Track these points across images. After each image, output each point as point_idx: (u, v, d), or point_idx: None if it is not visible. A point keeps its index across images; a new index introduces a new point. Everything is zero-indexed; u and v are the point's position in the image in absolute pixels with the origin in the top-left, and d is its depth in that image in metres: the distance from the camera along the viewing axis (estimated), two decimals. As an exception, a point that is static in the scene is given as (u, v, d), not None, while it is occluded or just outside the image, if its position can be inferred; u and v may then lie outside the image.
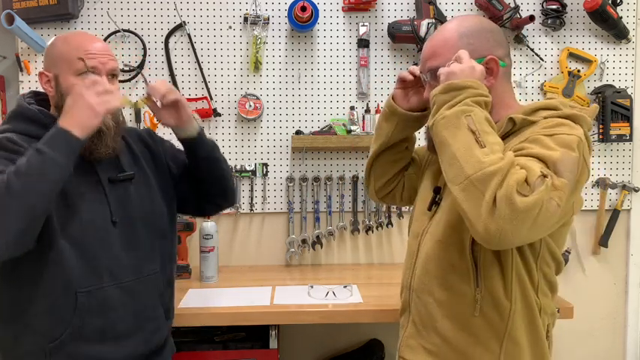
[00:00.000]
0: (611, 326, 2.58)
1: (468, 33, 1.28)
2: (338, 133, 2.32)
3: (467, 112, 1.15)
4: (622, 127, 2.42)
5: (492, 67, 1.27)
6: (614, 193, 2.51)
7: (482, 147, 1.11)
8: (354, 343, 2.45)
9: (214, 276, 2.18)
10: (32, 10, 2.25)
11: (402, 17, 2.41)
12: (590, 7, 2.33)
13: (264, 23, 2.38)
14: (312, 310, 1.82)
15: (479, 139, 1.12)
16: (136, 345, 1.45)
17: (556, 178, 1.10)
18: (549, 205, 1.08)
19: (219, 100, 2.41)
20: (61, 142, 1.24)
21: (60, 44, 1.42)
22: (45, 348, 1.34)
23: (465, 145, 1.12)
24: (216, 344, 1.96)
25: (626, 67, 2.48)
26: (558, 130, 1.17)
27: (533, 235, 1.15)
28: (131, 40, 2.36)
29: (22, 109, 1.41)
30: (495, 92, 1.27)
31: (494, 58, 1.27)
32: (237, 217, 2.45)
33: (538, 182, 1.07)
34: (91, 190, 1.40)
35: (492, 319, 1.27)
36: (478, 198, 1.08)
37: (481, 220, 1.08)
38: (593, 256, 2.55)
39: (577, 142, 1.14)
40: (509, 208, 1.05)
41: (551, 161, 1.11)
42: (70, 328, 1.34)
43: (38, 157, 1.21)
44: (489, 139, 1.13)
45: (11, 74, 2.37)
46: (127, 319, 1.42)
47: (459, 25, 1.31)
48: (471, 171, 1.09)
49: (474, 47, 1.26)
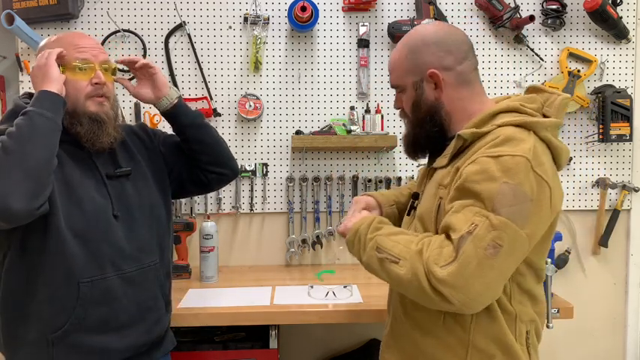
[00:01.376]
0: (611, 326, 2.58)
1: (413, 48, 1.33)
2: (338, 133, 2.32)
3: (374, 247, 1.26)
4: (622, 127, 2.42)
5: (436, 80, 1.30)
6: (614, 193, 2.51)
7: (397, 262, 1.20)
8: (354, 343, 2.45)
9: (214, 276, 2.18)
10: (32, 10, 2.25)
11: (402, 17, 2.41)
12: (590, 7, 2.33)
13: (264, 23, 2.38)
14: (312, 310, 1.82)
15: (392, 259, 1.21)
16: (138, 335, 1.47)
17: (493, 217, 1.12)
18: (486, 252, 1.11)
19: (219, 100, 2.41)
20: (40, 99, 1.32)
21: (51, 43, 1.44)
22: (48, 338, 1.35)
23: (387, 272, 1.23)
24: (216, 344, 1.96)
25: (626, 67, 2.48)
26: (502, 149, 1.17)
27: (498, 281, 1.17)
28: (131, 40, 2.36)
29: (19, 108, 1.41)
30: (450, 101, 1.31)
31: (434, 72, 1.29)
32: (237, 217, 2.45)
33: (461, 242, 1.12)
34: (93, 184, 1.42)
35: (455, 330, 1.27)
36: (424, 296, 1.17)
37: (443, 307, 1.17)
38: (593, 256, 2.55)
39: (521, 165, 1.14)
40: (446, 286, 1.12)
41: (487, 199, 1.14)
42: (72, 318, 1.35)
43: (25, 117, 1.28)
44: (397, 250, 1.21)
45: (11, 74, 2.37)
46: (129, 309, 1.44)
47: (408, 39, 1.36)
48: (402, 287, 1.22)
49: (416, 62, 1.32)
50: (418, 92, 1.32)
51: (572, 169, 2.50)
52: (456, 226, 1.15)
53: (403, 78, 1.35)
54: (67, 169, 1.38)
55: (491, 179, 1.14)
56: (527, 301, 1.29)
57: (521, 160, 1.15)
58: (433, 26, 1.38)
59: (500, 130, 1.22)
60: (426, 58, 1.31)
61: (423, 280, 1.14)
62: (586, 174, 2.51)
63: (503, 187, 1.13)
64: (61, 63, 1.40)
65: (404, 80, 1.35)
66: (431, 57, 1.30)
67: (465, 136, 1.25)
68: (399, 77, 1.36)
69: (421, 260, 1.16)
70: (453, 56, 1.31)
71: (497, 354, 1.26)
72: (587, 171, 2.51)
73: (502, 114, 1.26)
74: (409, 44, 1.34)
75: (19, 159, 1.23)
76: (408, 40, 1.36)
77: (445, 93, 1.30)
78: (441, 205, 1.25)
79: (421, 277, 1.15)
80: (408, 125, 1.39)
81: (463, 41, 1.33)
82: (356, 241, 1.32)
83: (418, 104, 1.33)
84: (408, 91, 1.34)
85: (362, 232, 1.31)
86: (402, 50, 1.35)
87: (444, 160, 1.30)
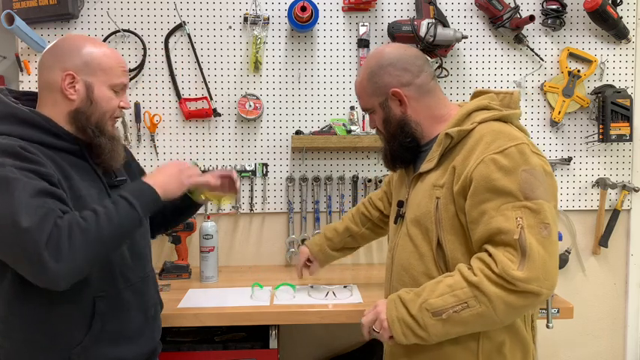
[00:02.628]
0: (611, 326, 2.58)
1: (374, 72, 1.44)
2: (338, 133, 2.32)
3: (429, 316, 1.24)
4: (622, 127, 2.41)
5: (399, 98, 1.41)
6: (614, 193, 2.51)
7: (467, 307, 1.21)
8: (354, 343, 2.45)
9: (214, 276, 2.18)
10: (32, 10, 2.25)
11: (402, 17, 2.41)
12: (590, 7, 2.33)
13: (264, 23, 2.38)
14: (312, 310, 1.82)
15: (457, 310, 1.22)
16: (146, 342, 1.49)
17: (531, 204, 1.21)
18: (542, 235, 1.20)
19: (219, 100, 2.41)
20: (150, 201, 1.33)
21: (100, 54, 1.40)
22: (67, 354, 1.33)
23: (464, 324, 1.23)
24: (216, 344, 1.96)
25: (626, 67, 2.48)
26: (502, 143, 1.26)
27: (558, 253, 1.26)
28: (131, 40, 2.36)
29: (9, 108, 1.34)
30: (416, 113, 1.42)
31: (395, 91, 1.41)
32: (237, 217, 2.45)
33: (521, 243, 1.19)
34: (97, 195, 1.39)
35: None
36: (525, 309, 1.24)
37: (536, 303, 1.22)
38: (593, 256, 2.55)
39: (526, 149, 1.26)
40: (530, 282, 1.17)
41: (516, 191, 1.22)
42: (90, 333, 1.34)
43: (130, 210, 1.28)
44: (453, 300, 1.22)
45: (11, 74, 2.37)
46: (137, 318, 1.45)
47: (367, 64, 1.47)
48: (495, 323, 1.25)
49: (378, 85, 1.43)
50: (386, 111, 1.44)
51: (572, 169, 2.50)
52: (506, 228, 1.20)
53: (370, 101, 1.47)
54: (75, 183, 1.34)
55: (510, 172, 1.23)
56: None
57: (523, 147, 1.26)
58: (388, 48, 1.49)
59: (484, 127, 1.32)
60: (386, 79, 1.42)
61: (501, 296, 1.18)
62: (586, 174, 2.51)
63: (523, 174, 1.23)
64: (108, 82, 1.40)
65: (371, 103, 1.46)
66: (389, 78, 1.42)
67: (453, 134, 1.33)
68: (366, 101, 1.48)
69: (489, 282, 1.19)
70: (410, 72, 1.42)
71: (506, 339, 1.31)
72: (587, 171, 2.51)
73: (475, 112, 1.37)
74: (368, 70, 1.45)
75: (97, 248, 1.23)
76: (366, 66, 1.47)
77: (410, 106, 1.42)
78: (439, 204, 1.32)
79: (499, 295, 1.19)
80: (383, 141, 1.50)
81: (416, 56, 1.45)
82: (407, 331, 1.28)
83: (388, 121, 1.44)
84: (377, 111, 1.46)
85: (404, 318, 1.28)
86: (364, 76, 1.46)
87: (430, 164, 1.37)
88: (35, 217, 1.16)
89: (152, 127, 2.37)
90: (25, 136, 1.31)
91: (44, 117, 1.35)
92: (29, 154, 1.25)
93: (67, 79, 1.36)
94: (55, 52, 1.39)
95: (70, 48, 1.39)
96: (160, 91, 2.39)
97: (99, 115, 1.39)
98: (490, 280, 1.19)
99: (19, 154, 1.24)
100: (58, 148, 1.35)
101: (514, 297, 1.18)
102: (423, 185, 1.39)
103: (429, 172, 1.38)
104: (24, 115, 1.33)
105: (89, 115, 1.37)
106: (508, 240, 1.20)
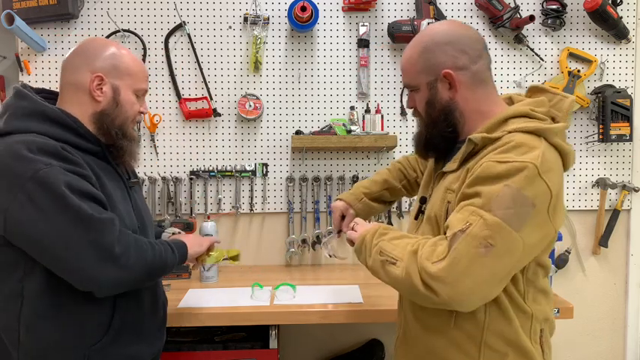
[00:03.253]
0: (611, 326, 2.58)
1: (427, 47, 1.31)
2: (338, 133, 2.32)
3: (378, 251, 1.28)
4: (622, 127, 2.41)
5: (450, 80, 1.29)
6: (614, 193, 2.51)
7: (394, 264, 1.22)
8: (354, 343, 2.45)
9: (214, 276, 2.18)
10: (32, 10, 2.25)
11: (402, 17, 2.41)
12: (590, 7, 2.33)
13: (264, 23, 2.38)
14: (312, 310, 1.82)
15: (391, 261, 1.24)
16: (158, 341, 1.52)
17: (488, 217, 1.13)
18: (477, 251, 1.12)
19: (219, 100, 2.41)
20: (183, 254, 1.51)
21: (128, 59, 1.43)
22: (85, 353, 1.33)
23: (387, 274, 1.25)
24: (216, 344, 1.96)
25: (626, 67, 2.48)
26: (510, 156, 1.17)
27: (488, 282, 1.16)
28: (131, 40, 2.36)
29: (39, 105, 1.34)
30: (464, 102, 1.30)
31: (448, 72, 1.28)
32: (237, 217, 2.45)
33: (453, 240, 1.14)
34: (120, 195, 1.42)
35: (468, 329, 1.27)
36: (417, 293, 1.18)
37: (433, 302, 1.17)
38: (593, 256, 2.55)
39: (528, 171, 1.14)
40: (436, 281, 1.13)
41: (485, 198, 1.15)
42: (109, 332, 1.35)
43: (172, 255, 1.44)
44: (396, 252, 1.24)
45: (11, 74, 2.37)
46: (151, 316, 1.48)
47: (420, 39, 1.34)
48: (398, 286, 1.26)
49: (430, 62, 1.30)
50: (432, 92, 1.31)
51: (572, 169, 2.50)
52: (452, 224, 1.17)
53: (416, 78, 1.33)
54: (105, 183, 1.36)
55: (493, 181, 1.15)
56: (541, 298, 1.30)
57: (528, 165, 1.15)
58: (446, 25, 1.37)
59: (510, 137, 1.21)
60: (440, 58, 1.29)
61: (415, 277, 1.16)
62: (586, 174, 2.51)
63: (505, 189, 1.13)
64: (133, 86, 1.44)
65: (417, 80, 1.33)
66: (445, 57, 1.29)
67: (476, 141, 1.24)
68: (412, 77, 1.34)
69: (415, 259, 1.18)
70: (468, 55, 1.29)
71: (509, 352, 1.27)
72: (587, 171, 2.51)
73: (512, 119, 1.25)
74: (422, 44, 1.32)
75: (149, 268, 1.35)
76: (420, 39, 1.33)
77: (460, 93, 1.29)
78: (449, 209, 1.25)
79: (414, 274, 1.17)
80: (420, 125, 1.38)
81: (477, 40, 1.32)
82: (363, 248, 1.33)
83: (432, 104, 1.32)
84: (422, 91, 1.33)
85: (367, 240, 1.33)
86: (415, 50, 1.32)
87: (453, 165, 1.29)
88: (105, 215, 1.26)
89: (152, 127, 2.37)
90: (54, 135, 1.31)
91: (72, 117, 1.36)
92: (69, 155, 1.27)
93: (96, 81, 1.37)
94: (83, 54, 1.40)
95: (99, 50, 1.40)
96: (159, 91, 2.39)
97: (123, 118, 1.42)
98: (414, 258, 1.19)
99: (60, 155, 1.26)
100: (83, 148, 1.36)
101: (419, 282, 1.16)
102: (440, 186, 1.32)
103: (449, 174, 1.30)
104: (54, 114, 1.33)
105: (114, 117, 1.40)
106: (448, 234, 1.17)
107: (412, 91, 1.36)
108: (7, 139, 1.28)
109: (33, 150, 1.23)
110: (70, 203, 1.21)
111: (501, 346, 1.26)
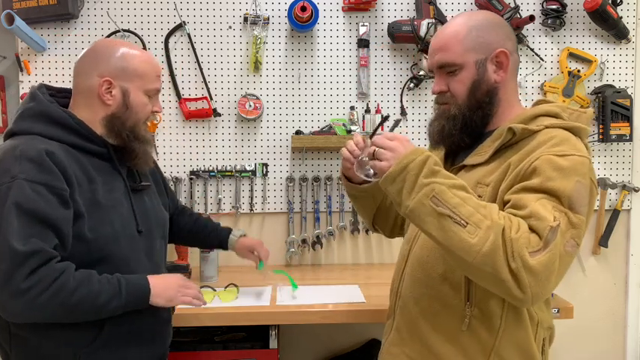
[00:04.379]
0: (611, 326, 2.58)
1: (477, 26, 1.26)
2: (338, 133, 2.32)
3: (429, 195, 1.08)
4: (622, 127, 2.42)
5: (502, 61, 1.25)
6: (614, 193, 2.51)
7: (464, 226, 1.06)
8: (354, 343, 2.45)
9: (214, 276, 2.18)
10: (32, 10, 2.25)
11: (402, 17, 2.41)
12: (590, 7, 2.33)
13: (264, 23, 2.38)
14: (312, 310, 1.82)
15: (456, 220, 1.06)
16: (158, 346, 1.49)
17: (572, 215, 1.09)
18: (568, 249, 1.08)
19: (219, 100, 2.41)
20: (139, 298, 1.34)
21: (136, 60, 1.41)
22: (76, 354, 1.33)
23: (447, 232, 1.07)
24: (216, 344, 1.96)
25: (626, 67, 2.48)
26: (564, 147, 1.15)
27: (561, 279, 1.13)
28: (131, 40, 2.36)
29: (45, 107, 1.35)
30: (505, 89, 1.26)
31: (504, 51, 1.24)
32: (238, 217, 2.45)
33: (550, 236, 1.05)
34: (121, 200, 1.41)
35: (480, 335, 1.23)
36: (494, 278, 1.05)
37: (509, 295, 1.07)
38: (593, 256, 2.55)
39: (587, 166, 1.14)
40: (531, 275, 1.04)
41: (565, 197, 1.09)
42: (102, 334, 1.34)
43: (117, 299, 1.29)
44: (465, 211, 1.07)
45: (11, 74, 2.36)
46: (150, 322, 1.44)
47: (468, 18, 1.28)
48: (469, 258, 1.05)
49: (483, 40, 1.24)
50: (480, 72, 1.24)
51: (572, 169, 2.50)
52: (542, 215, 1.06)
53: (463, 55, 1.24)
54: (96, 187, 1.35)
55: (565, 176, 1.11)
56: (544, 306, 1.29)
57: (586, 160, 1.15)
58: (485, 12, 1.36)
59: (550, 132, 1.19)
60: (494, 36, 1.25)
61: (500, 259, 1.03)
62: (586, 174, 2.51)
63: (578, 185, 1.11)
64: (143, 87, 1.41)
65: (463, 58, 1.24)
66: (497, 37, 1.25)
67: (517, 130, 1.19)
68: (457, 55, 1.24)
69: (505, 239, 1.04)
70: (512, 42, 1.28)
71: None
72: (587, 171, 2.51)
73: (543, 117, 1.23)
74: (470, 23, 1.26)
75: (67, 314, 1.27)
76: (469, 17, 1.28)
77: (507, 77, 1.25)
78: None
79: (500, 255, 1.03)
80: (455, 108, 1.27)
81: (513, 32, 1.32)
82: (400, 179, 1.11)
83: (478, 85, 1.24)
84: (467, 70, 1.24)
85: (412, 170, 1.11)
86: (464, 27, 1.26)
87: (480, 157, 1.24)
88: (29, 246, 1.20)
89: (152, 127, 2.37)
90: (56, 136, 1.33)
91: (77, 119, 1.37)
92: (49, 163, 1.26)
93: (105, 85, 1.38)
94: (92, 58, 1.41)
95: (107, 53, 1.40)
96: (160, 91, 2.39)
97: (134, 120, 1.41)
98: (502, 235, 1.04)
99: (38, 161, 1.26)
100: (85, 149, 1.37)
101: (505, 267, 1.03)
102: (465, 180, 1.18)
103: (476, 167, 1.24)
104: (57, 115, 1.35)
105: (124, 120, 1.40)
106: (538, 226, 1.05)
107: (450, 72, 1.26)
108: (12, 139, 1.33)
109: (17, 155, 1.26)
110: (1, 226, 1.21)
111: (512, 354, 1.23)
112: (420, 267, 1.30)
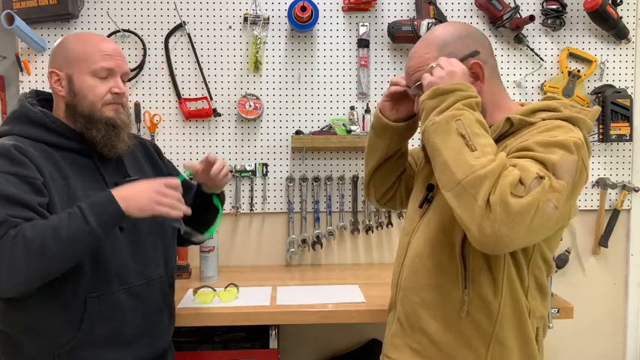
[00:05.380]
0: (611, 326, 2.58)
1: (446, 42, 1.28)
2: (338, 133, 2.32)
3: (456, 117, 1.14)
4: (622, 127, 2.42)
5: (477, 72, 1.26)
6: (614, 193, 2.51)
7: (472, 150, 1.11)
8: (354, 343, 2.45)
9: (214, 276, 2.18)
10: (32, 10, 2.25)
11: (402, 17, 2.41)
12: (590, 7, 2.33)
13: (264, 23, 2.38)
14: (312, 310, 1.82)
15: (469, 143, 1.12)
16: (144, 349, 1.45)
17: (554, 180, 1.10)
18: (546, 206, 1.08)
19: (219, 100, 2.41)
20: (110, 216, 1.24)
21: (74, 43, 1.41)
22: (54, 353, 1.33)
23: (455, 150, 1.12)
24: (216, 344, 1.96)
25: (626, 67, 2.48)
26: (556, 132, 1.17)
27: (530, 238, 1.14)
28: (131, 40, 2.36)
29: (25, 109, 1.40)
30: (486, 95, 1.27)
31: (477, 62, 1.25)
32: (237, 217, 2.45)
33: (534, 183, 1.07)
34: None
35: (479, 322, 1.25)
36: (470, 202, 1.08)
37: (475, 224, 1.08)
38: (593, 256, 2.55)
39: (576, 145, 1.14)
40: (504, 211, 1.05)
41: (550, 163, 1.11)
42: (80, 334, 1.33)
43: (82, 224, 1.20)
44: (480, 141, 1.12)
45: (11, 74, 2.37)
46: (135, 323, 1.42)
47: (436, 37, 1.30)
48: (461, 175, 1.10)
49: (454, 56, 1.25)
50: None
51: (572, 169, 2.50)
52: (528, 168, 1.09)
53: None
54: (71, 182, 1.35)
55: (553, 151, 1.12)
56: (538, 295, 1.30)
57: (578, 141, 1.15)
58: (452, 23, 1.37)
59: (546, 122, 1.21)
60: (464, 49, 1.26)
61: (485, 187, 1.07)
62: (586, 174, 2.51)
63: (565, 156, 1.12)
64: (88, 69, 1.38)
65: None
66: (467, 48, 1.26)
67: (514, 121, 1.22)
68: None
69: (499, 172, 1.08)
70: (485, 49, 1.29)
71: (515, 347, 1.26)
72: (587, 171, 2.51)
73: (541, 112, 1.25)
74: (440, 39, 1.28)
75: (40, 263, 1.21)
76: (433, 36, 1.30)
77: (485, 85, 1.27)
78: None
79: (487, 185, 1.07)
80: None
81: (485, 37, 1.33)
82: (441, 98, 1.18)
83: None
84: None
85: (456, 97, 1.17)
86: (432, 47, 1.28)
87: None
88: None
89: (152, 127, 2.37)
90: (35, 136, 1.36)
91: (52, 117, 1.40)
92: (19, 156, 1.28)
93: (53, 77, 1.41)
94: (49, 57, 1.46)
95: (55, 48, 1.44)
96: (159, 91, 2.39)
97: (87, 106, 1.39)
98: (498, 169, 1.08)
99: (8, 155, 1.28)
100: (62, 147, 1.38)
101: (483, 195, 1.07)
102: None
103: None
104: (34, 116, 1.39)
105: (75, 106, 1.39)
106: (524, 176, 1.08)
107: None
108: None
109: None
110: None
111: (511, 340, 1.25)
112: (419, 258, 1.33)
